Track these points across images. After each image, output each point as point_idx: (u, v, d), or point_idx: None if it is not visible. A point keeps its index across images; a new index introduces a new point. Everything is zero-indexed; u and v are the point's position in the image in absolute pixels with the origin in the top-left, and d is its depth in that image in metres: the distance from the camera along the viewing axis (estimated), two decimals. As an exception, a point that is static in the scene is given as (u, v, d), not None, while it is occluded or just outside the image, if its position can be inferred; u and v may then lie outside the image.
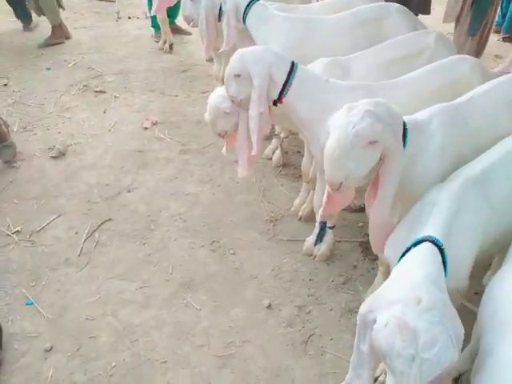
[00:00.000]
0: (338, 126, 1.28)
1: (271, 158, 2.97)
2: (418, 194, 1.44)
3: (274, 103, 1.83)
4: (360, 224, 2.42)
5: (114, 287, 2.06)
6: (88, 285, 2.07)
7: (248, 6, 2.37)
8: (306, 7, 2.84)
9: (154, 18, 4.73)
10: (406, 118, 1.41)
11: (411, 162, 1.42)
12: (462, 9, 3.43)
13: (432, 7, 3.51)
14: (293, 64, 1.74)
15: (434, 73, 1.81)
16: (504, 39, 5.45)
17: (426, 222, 1.20)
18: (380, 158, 1.33)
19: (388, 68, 2.00)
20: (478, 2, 3.39)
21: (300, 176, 2.81)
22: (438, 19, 3.73)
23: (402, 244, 1.20)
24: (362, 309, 1.06)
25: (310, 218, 2.41)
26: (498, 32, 5.52)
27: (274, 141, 2.99)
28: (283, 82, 1.73)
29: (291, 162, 2.97)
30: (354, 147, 1.25)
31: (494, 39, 5.39)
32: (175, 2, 3.44)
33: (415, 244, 1.16)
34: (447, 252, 1.15)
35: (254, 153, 1.88)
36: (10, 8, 4.52)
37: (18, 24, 4.67)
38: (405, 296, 1.00)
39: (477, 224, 1.26)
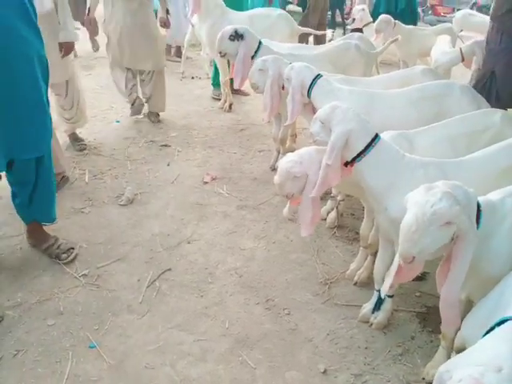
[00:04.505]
0: (415, 204, 1.34)
1: (325, 219, 3.03)
2: (489, 273, 1.46)
3: (346, 164, 1.91)
4: (417, 294, 2.40)
5: (173, 337, 2.11)
6: (148, 333, 2.13)
7: (313, 81, 2.54)
8: (366, 80, 3.00)
9: (214, 77, 5.10)
10: (479, 199, 1.46)
11: (484, 243, 1.45)
12: None
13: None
14: (375, 136, 1.83)
15: (502, 152, 1.86)
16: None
17: (508, 304, 1.22)
18: (452, 238, 1.37)
19: (453, 144, 2.07)
20: None
21: (354, 239, 2.85)
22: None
23: (482, 324, 1.22)
24: (441, 368, 1.07)
25: (366, 283, 2.42)
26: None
27: (330, 202, 3.06)
28: (359, 151, 1.81)
29: (345, 224, 3.02)
30: (431, 225, 1.31)
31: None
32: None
33: (499, 324, 1.17)
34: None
35: (312, 195, 1.95)
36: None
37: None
38: (486, 362, 1.00)
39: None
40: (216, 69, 5.01)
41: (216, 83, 5.11)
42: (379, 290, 2.12)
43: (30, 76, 2.18)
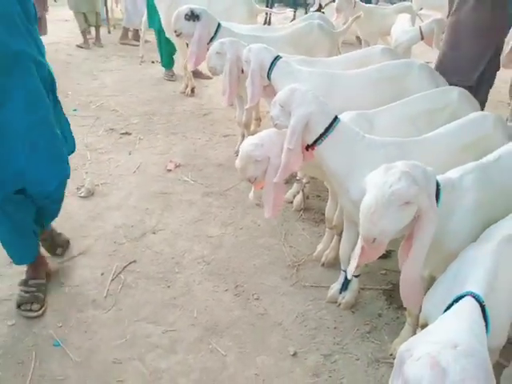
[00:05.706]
0: (374, 185, 1.33)
1: (292, 202, 3.03)
2: (451, 250, 1.48)
3: (307, 148, 1.88)
4: (383, 271, 2.44)
5: (141, 330, 2.07)
6: (114, 327, 2.08)
7: (272, 63, 2.48)
8: (326, 60, 2.97)
9: (163, 57, 4.99)
10: (438, 178, 1.47)
11: (444, 220, 1.46)
12: None
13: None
14: (335, 119, 1.80)
15: (461, 130, 1.88)
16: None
17: (466, 279, 1.24)
18: (414, 217, 1.38)
19: (413, 122, 2.08)
20: None
21: (321, 220, 2.86)
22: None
23: (442, 300, 1.24)
24: (401, 347, 1.09)
25: (333, 264, 2.45)
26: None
27: (296, 185, 3.06)
28: (319, 134, 1.79)
29: (312, 206, 3.03)
30: (390, 206, 1.31)
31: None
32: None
33: (457, 300, 1.19)
34: (488, 309, 1.17)
35: (275, 180, 1.93)
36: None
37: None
38: (444, 339, 1.03)
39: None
40: (161, 49, 4.91)
41: (165, 64, 5.02)
42: (346, 270, 2.14)
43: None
